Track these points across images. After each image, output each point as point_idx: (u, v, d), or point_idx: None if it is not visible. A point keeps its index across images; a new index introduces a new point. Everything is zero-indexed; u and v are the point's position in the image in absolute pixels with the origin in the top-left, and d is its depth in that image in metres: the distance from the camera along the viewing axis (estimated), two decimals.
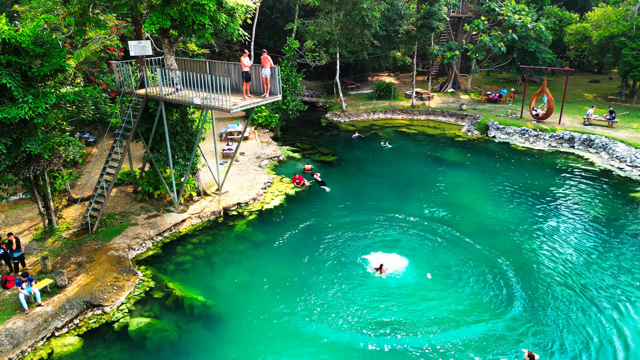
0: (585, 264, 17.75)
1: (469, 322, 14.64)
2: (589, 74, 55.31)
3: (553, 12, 48.65)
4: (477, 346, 13.65)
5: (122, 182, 23.89)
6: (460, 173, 27.20)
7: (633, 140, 28.97)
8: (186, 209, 21.43)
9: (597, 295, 15.87)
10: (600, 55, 44.85)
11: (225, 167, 24.73)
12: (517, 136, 33.37)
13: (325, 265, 17.73)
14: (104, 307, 15.04)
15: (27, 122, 16.24)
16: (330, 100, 44.21)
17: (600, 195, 23.78)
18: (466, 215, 21.74)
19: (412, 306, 15.37)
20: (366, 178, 26.57)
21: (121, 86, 20.76)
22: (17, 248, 16.29)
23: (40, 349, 13.39)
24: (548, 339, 13.95)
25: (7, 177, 16.48)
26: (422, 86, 47.07)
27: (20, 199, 21.84)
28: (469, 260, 17.96)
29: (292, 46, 33.05)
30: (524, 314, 14.98)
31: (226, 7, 18.84)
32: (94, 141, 29.96)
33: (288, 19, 44.91)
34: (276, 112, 34.30)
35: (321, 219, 21.46)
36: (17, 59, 15.25)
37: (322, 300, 15.74)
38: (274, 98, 19.89)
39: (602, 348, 13.60)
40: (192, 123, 21.64)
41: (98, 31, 21.91)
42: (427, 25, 37.73)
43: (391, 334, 14.20)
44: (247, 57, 19.39)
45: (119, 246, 18.23)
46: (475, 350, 13.50)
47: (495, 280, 16.76)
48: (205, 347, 13.73)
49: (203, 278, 16.95)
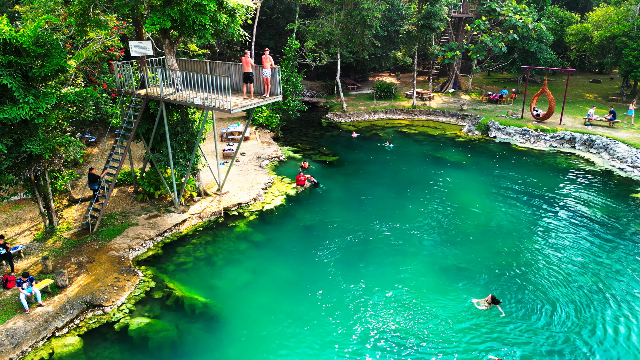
0: (586, 264, 17.73)
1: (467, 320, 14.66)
2: (589, 74, 55.28)
3: (554, 12, 48.65)
4: (466, 348, 13.65)
5: (123, 183, 23.91)
6: (460, 173, 27.18)
7: (634, 141, 28.95)
8: (187, 209, 21.45)
9: (598, 296, 15.84)
10: (601, 55, 44.83)
11: (226, 167, 24.75)
12: (518, 136, 33.35)
13: (326, 266, 17.72)
14: (105, 307, 15.05)
15: (28, 123, 16.26)
16: (331, 100, 44.22)
17: (601, 195, 23.76)
18: (466, 216, 21.72)
19: (416, 310, 15.35)
20: (367, 178, 26.57)
21: (122, 86, 20.78)
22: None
23: (40, 349, 13.40)
24: (548, 340, 13.93)
25: (8, 177, 16.51)
26: (423, 86, 47.07)
27: (21, 199, 21.88)
28: (469, 261, 17.95)
29: (292, 46, 33.06)
30: (524, 315, 14.97)
31: (227, 8, 18.85)
32: (95, 141, 29.99)
33: (289, 19, 44.93)
34: (277, 113, 34.32)
35: (322, 219, 21.46)
36: (18, 59, 15.27)
37: (323, 300, 15.74)
38: (275, 98, 19.88)
39: (603, 348, 13.58)
40: (192, 123, 21.66)
41: (99, 32, 21.94)
42: (428, 25, 37.73)
43: (392, 336, 14.20)
44: (249, 57, 19.39)
45: (120, 246, 18.25)
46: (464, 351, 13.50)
47: (495, 280, 16.75)
48: (206, 347, 13.73)
49: (203, 278, 16.96)
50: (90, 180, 19.72)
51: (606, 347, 13.62)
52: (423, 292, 16.12)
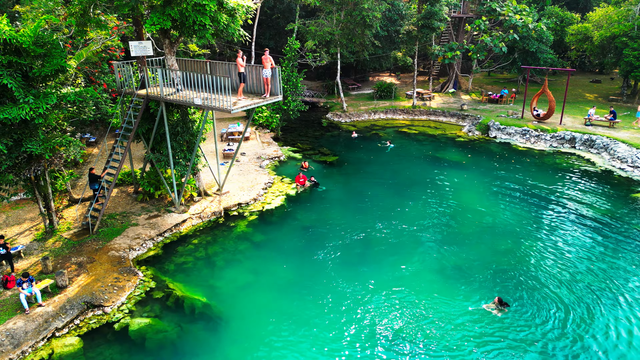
0: (586, 264, 17.70)
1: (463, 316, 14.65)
2: (590, 74, 55.27)
3: (554, 12, 48.65)
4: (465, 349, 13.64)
5: (123, 183, 23.90)
6: (461, 173, 27.17)
7: (634, 141, 28.93)
8: (187, 209, 21.44)
9: (598, 296, 15.82)
10: (601, 55, 44.84)
11: (226, 167, 24.74)
12: (518, 136, 33.34)
13: (327, 266, 17.72)
14: (105, 307, 15.04)
15: (28, 123, 16.26)
16: (331, 100, 44.21)
17: (601, 195, 23.74)
18: (466, 216, 21.71)
19: (416, 310, 15.34)
20: (367, 178, 26.56)
21: (122, 86, 20.77)
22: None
23: (40, 350, 13.39)
24: (549, 340, 13.92)
25: (8, 177, 16.50)
26: (423, 86, 47.06)
27: (21, 200, 21.87)
28: (469, 261, 17.94)
29: (293, 46, 33.05)
30: (525, 315, 14.96)
31: (227, 8, 18.85)
32: (95, 141, 29.99)
33: (289, 19, 44.94)
34: (277, 113, 34.31)
35: (322, 219, 21.45)
36: (18, 59, 15.26)
37: (323, 300, 15.73)
38: (275, 98, 19.88)
39: (604, 348, 13.56)
40: (192, 123, 21.66)
41: (99, 32, 21.96)
42: (428, 25, 37.73)
43: (392, 336, 14.19)
44: (241, 58, 19.41)
45: (120, 246, 18.24)
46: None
47: (496, 280, 16.74)
48: (206, 347, 13.72)
49: (204, 278, 16.95)
50: (91, 180, 19.73)
51: (608, 347, 13.58)
52: (423, 292, 16.10)
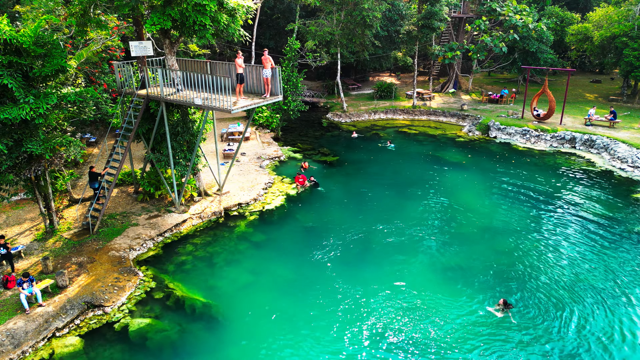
0: (586, 264, 17.70)
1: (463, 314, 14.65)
2: (590, 74, 55.27)
3: (554, 12, 48.63)
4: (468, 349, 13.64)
5: (123, 183, 23.90)
6: (461, 173, 27.18)
7: (634, 141, 28.93)
8: (187, 209, 21.44)
9: (599, 296, 15.81)
10: (601, 55, 44.82)
11: (226, 167, 24.74)
12: (518, 136, 33.34)
13: (327, 266, 17.72)
14: (105, 307, 15.04)
15: (28, 123, 16.27)
16: (331, 100, 44.22)
17: (601, 195, 23.74)
18: (467, 216, 21.70)
19: (416, 310, 15.34)
20: (367, 178, 26.56)
21: (122, 86, 20.77)
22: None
23: (41, 350, 13.39)
24: (549, 341, 13.92)
25: (9, 177, 16.51)
26: (423, 86, 47.06)
27: (21, 200, 21.88)
28: (470, 260, 17.94)
29: (293, 46, 33.05)
30: (527, 315, 14.96)
31: (227, 8, 18.85)
32: (95, 141, 30.00)
33: (289, 19, 44.94)
34: (277, 113, 34.31)
35: (322, 219, 21.46)
36: (18, 59, 15.27)
37: (323, 300, 15.73)
38: (275, 98, 19.88)
39: (604, 348, 13.56)
40: (193, 123, 21.66)
41: (99, 32, 21.96)
42: (428, 25, 37.73)
43: (393, 336, 14.18)
44: (241, 58, 19.41)
45: (120, 246, 18.24)
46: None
47: (497, 280, 16.73)
48: (206, 347, 13.73)
49: (204, 278, 16.95)
50: (91, 178, 19.73)
51: (608, 347, 13.58)
52: (423, 292, 16.09)
